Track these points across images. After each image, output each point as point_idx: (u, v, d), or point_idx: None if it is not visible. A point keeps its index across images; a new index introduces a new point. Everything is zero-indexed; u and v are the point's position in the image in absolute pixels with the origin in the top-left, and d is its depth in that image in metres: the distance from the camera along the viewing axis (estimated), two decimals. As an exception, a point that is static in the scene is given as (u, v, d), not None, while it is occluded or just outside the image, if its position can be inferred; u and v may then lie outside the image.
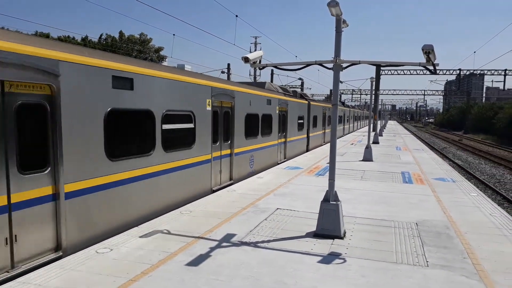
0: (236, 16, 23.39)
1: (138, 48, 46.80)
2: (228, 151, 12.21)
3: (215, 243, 6.53)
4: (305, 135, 22.77)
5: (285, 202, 9.49)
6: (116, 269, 5.39)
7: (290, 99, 19.35)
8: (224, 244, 6.50)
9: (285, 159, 18.56)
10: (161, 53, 49.23)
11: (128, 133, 7.74)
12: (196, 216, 8.11)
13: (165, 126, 8.68)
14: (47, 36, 38.40)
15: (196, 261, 5.73)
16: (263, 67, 8.13)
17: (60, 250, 6.06)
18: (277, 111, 17.01)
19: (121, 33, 48.16)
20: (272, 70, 47.98)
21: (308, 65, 7.56)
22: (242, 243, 6.55)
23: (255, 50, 51.49)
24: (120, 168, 7.32)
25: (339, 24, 6.69)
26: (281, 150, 18.12)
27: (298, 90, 47.00)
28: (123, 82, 7.40)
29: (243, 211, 8.55)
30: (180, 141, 9.44)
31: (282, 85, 24.18)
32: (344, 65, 7.08)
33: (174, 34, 30.31)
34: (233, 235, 6.96)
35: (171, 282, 5.05)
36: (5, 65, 5.18)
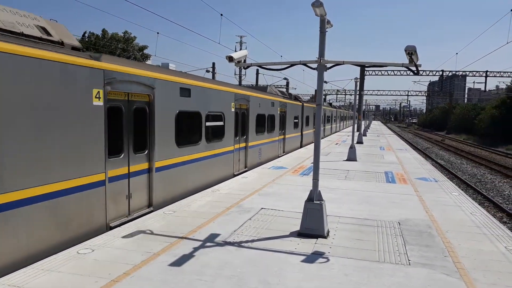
0: (221, 15, 23.28)
1: (122, 47, 46.32)
2: (244, 144, 15.11)
3: (199, 243, 6.50)
4: (299, 133, 25.72)
5: (270, 201, 9.50)
6: (98, 269, 5.32)
7: (288, 101, 21.98)
8: (208, 244, 6.48)
9: (284, 153, 21.12)
10: (145, 51, 48.82)
11: (187, 128, 10.54)
12: (179, 216, 8.06)
13: (207, 124, 11.51)
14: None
15: (179, 262, 5.70)
16: (248, 67, 8.13)
17: (152, 206, 8.79)
18: (278, 112, 19.75)
19: (104, 31, 47.59)
20: (257, 70, 48.04)
21: (292, 65, 7.58)
22: (226, 243, 6.54)
23: (241, 49, 51.47)
24: (183, 153, 10.16)
25: (323, 24, 6.73)
26: (281, 145, 20.82)
27: (294, 91, 48.74)
28: (185, 91, 10.20)
29: (227, 211, 8.53)
30: (215, 135, 12.23)
31: (267, 85, 25.55)
32: (328, 65, 7.12)
33: (158, 33, 29.99)
34: (217, 235, 6.95)
35: (154, 282, 5.01)
36: (130, 83, 7.90)
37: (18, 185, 5.57)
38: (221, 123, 12.56)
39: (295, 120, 23.89)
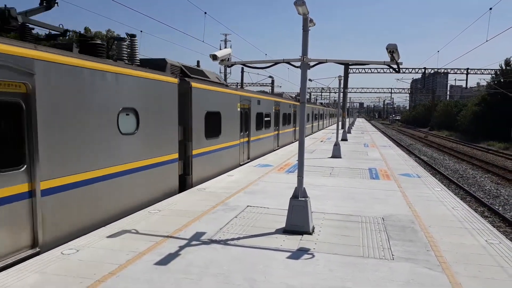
0: (205, 13, 23.21)
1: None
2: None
3: (185, 242, 6.50)
4: (292, 129, 28.11)
5: (256, 199, 9.53)
6: (82, 270, 5.28)
7: (281, 100, 24.28)
8: (194, 242, 6.48)
9: (278, 147, 23.08)
10: (129, 50, 48.28)
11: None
12: (165, 215, 8.04)
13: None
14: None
15: (165, 260, 5.69)
16: (232, 65, 8.14)
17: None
18: (273, 110, 21.73)
19: (86, 29, 46.99)
20: (242, 68, 48.03)
21: (276, 63, 7.62)
22: (212, 241, 6.55)
23: (225, 47, 51.33)
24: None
25: (306, 23, 6.77)
26: (276, 139, 22.96)
27: (279, 90, 51.82)
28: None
29: (213, 209, 8.54)
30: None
31: (282, 92, 28.14)
32: (312, 63, 7.17)
33: (141, 31, 29.83)
34: (203, 233, 6.95)
35: (140, 281, 5.00)
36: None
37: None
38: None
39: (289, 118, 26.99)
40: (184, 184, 11.04)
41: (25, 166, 6.00)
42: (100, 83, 7.51)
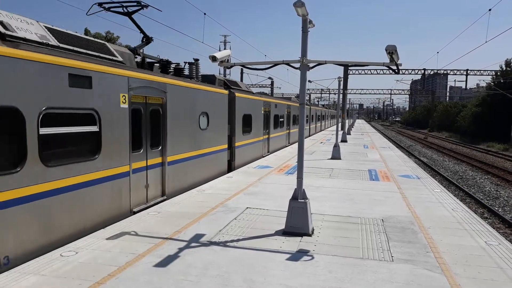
0: (205, 14, 23.20)
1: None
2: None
3: (184, 243, 6.49)
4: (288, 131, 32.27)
5: (255, 201, 9.53)
6: (82, 272, 5.28)
7: (291, 103, 27.28)
8: (193, 244, 6.47)
9: (289, 144, 26.18)
10: (129, 51, 48.37)
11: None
12: (164, 217, 8.03)
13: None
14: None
15: (164, 262, 5.68)
16: (231, 66, 8.14)
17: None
18: (286, 112, 25.07)
19: (86, 31, 47.05)
20: (241, 70, 48.00)
21: (275, 64, 7.62)
22: (211, 243, 6.54)
23: (225, 48, 51.38)
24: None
25: (306, 24, 6.78)
26: (287, 137, 25.95)
27: (279, 91, 53.54)
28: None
29: (212, 211, 8.53)
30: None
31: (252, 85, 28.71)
32: (311, 64, 7.17)
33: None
34: (202, 235, 6.94)
35: (139, 283, 4.99)
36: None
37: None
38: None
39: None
40: (230, 167, 15.04)
41: (161, 147, 9.80)
42: (192, 96, 11.47)
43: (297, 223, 7.03)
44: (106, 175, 7.61)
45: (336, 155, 18.47)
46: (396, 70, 7.23)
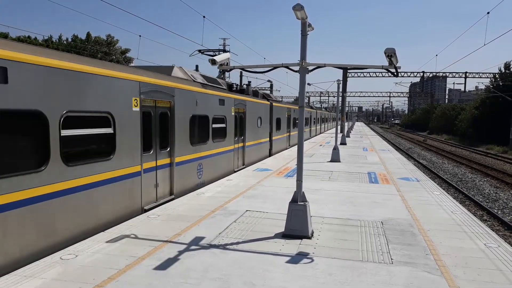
0: (204, 17, 23.28)
1: (104, 50, 45.90)
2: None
3: (184, 246, 6.49)
4: (307, 129, 36.74)
5: (255, 204, 9.53)
6: (81, 275, 5.28)
7: (306, 109, 32.43)
8: (193, 247, 6.47)
9: (290, 146, 27.44)
10: (128, 54, 48.49)
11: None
12: (164, 220, 8.03)
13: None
14: (5, 36, 37.09)
15: (164, 265, 5.69)
16: (231, 69, 8.17)
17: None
18: (287, 115, 27.16)
19: (88, 35, 47.17)
20: (241, 72, 48.08)
21: (275, 67, 7.65)
22: (211, 246, 6.54)
23: (224, 51, 51.42)
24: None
25: (305, 27, 6.80)
26: (288, 140, 27.49)
27: (278, 94, 55.80)
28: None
29: (212, 214, 8.54)
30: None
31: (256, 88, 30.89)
32: (310, 67, 7.19)
33: (140, 35, 29.93)
34: (202, 238, 6.95)
35: (139, 286, 4.99)
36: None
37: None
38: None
39: (296, 121, 33.06)
40: (270, 154, 21.46)
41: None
42: (257, 107, 18.57)
43: (296, 226, 7.04)
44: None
45: (335, 158, 18.49)
46: (395, 73, 7.26)
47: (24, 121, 6.00)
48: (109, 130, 7.78)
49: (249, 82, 24.78)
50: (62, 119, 6.53)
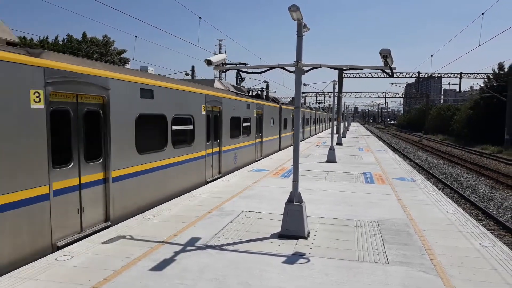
0: (200, 17, 23.24)
1: (100, 51, 45.75)
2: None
3: (180, 247, 6.48)
4: (308, 128, 41.34)
5: (251, 204, 9.53)
6: (77, 276, 5.26)
7: (306, 110, 39.16)
8: (189, 248, 6.47)
9: (304, 139, 33.77)
10: (124, 55, 48.36)
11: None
12: (160, 220, 8.02)
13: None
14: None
15: (160, 266, 5.68)
16: (227, 70, 8.19)
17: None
18: (302, 116, 31.65)
19: (84, 35, 46.96)
20: (237, 73, 48.09)
21: (270, 68, 7.65)
22: (207, 246, 6.54)
23: (220, 52, 51.40)
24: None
25: (300, 28, 6.81)
26: (293, 137, 31.36)
27: (274, 94, 57.10)
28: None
29: (208, 214, 8.53)
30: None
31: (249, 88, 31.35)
32: (306, 68, 7.21)
33: (136, 36, 29.81)
34: (198, 238, 6.94)
35: (135, 287, 4.98)
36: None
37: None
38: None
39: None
40: (279, 148, 25.06)
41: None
42: (270, 109, 22.57)
43: (292, 226, 7.04)
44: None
45: (331, 158, 18.52)
46: (390, 73, 7.28)
47: (159, 120, 9.81)
48: (191, 127, 11.66)
49: (262, 88, 26.25)
50: (172, 119, 10.29)
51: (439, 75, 59.24)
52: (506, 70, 46.21)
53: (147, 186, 9.29)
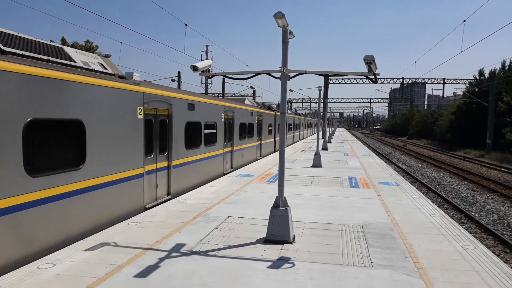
0: (186, 25, 23.25)
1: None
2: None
3: (164, 253, 6.45)
4: (297, 133, 44.47)
5: (237, 210, 9.53)
6: (59, 285, 5.18)
7: (296, 116, 43.22)
8: (174, 254, 6.43)
9: (295, 142, 37.20)
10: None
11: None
12: (144, 227, 7.96)
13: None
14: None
15: (145, 273, 5.63)
16: (213, 76, 8.24)
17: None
18: (293, 122, 35.78)
19: (63, 40, 46.35)
20: (223, 79, 48.07)
21: (256, 74, 7.69)
22: (192, 253, 6.51)
23: (206, 58, 51.41)
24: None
25: (286, 35, 6.88)
26: (293, 138, 36.79)
27: (260, 100, 57.39)
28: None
29: (193, 221, 8.50)
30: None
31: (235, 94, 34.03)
32: (291, 74, 7.27)
33: (121, 42, 29.67)
34: (183, 244, 6.91)
35: (119, 295, 4.93)
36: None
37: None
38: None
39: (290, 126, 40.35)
40: (274, 150, 27.33)
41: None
42: (267, 116, 25.55)
43: (278, 231, 7.06)
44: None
45: (317, 163, 18.63)
46: (374, 79, 7.38)
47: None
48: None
49: (261, 97, 29.75)
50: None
51: (423, 81, 60.13)
52: (487, 76, 47.13)
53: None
